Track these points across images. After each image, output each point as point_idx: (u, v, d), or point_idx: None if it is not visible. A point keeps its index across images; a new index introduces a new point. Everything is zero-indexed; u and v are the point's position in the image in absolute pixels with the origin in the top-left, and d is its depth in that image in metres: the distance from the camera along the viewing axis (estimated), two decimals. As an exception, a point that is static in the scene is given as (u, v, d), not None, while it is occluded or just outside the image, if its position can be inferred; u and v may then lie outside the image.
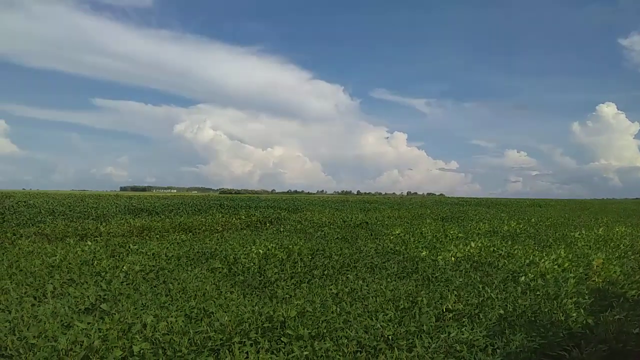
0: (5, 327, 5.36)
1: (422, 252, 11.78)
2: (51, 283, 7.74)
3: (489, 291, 7.27)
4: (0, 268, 8.97)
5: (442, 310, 6.41)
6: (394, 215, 28.73)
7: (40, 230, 15.42)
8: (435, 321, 5.93)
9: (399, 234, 16.44)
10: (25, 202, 37.39)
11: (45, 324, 5.43)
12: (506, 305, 6.55)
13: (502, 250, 11.93)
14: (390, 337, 5.18)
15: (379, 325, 5.44)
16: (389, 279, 8.64)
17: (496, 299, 6.88)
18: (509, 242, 14.13)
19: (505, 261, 10.65)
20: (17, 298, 6.80)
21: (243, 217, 23.75)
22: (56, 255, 10.09)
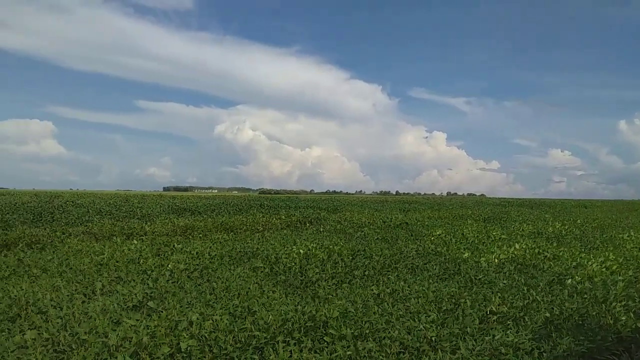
0: (58, 323, 5.57)
1: (464, 253, 11.64)
2: (100, 281, 7.98)
3: (534, 294, 7.13)
4: (51, 266, 9.31)
5: (486, 312, 6.33)
6: (434, 215, 28.44)
7: (88, 229, 15.92)
8: (479, 323, 5.86)
9: (440, 235, 16.28)
10: (73, 201, 38.69)
11: (95, 320, 5.62)
12: (552, 308, 6.41)
13: (547, 252, 11.67)
14: (433, 338, 5.15)
15: (421, 326, 5.41)
16: (430, 281, 8.57)
17: (542, 302, 6.74)
18: (554, 244, 13.81)
19: (551, 263, 10.41)
20: (68, 295, 7.04)
21: (283, 217, 23.92)
22: (104, 254, 10.42)
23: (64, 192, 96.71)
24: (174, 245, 12.00)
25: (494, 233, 16.87)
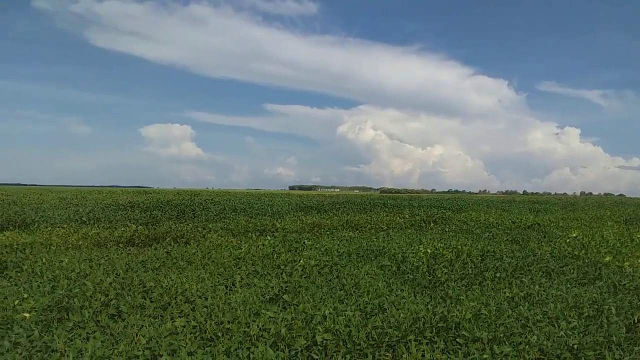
0: (204, 312, 6.05)
1: (605, 257, 10.83)
2: (238, 274, 8.54)
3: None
4: (195, 258, 10.10)
5: (634, 320, 5.88)
6: (568, 216, 26.66)
7: (225, 226, 17.03)
8: (626, 332, 5.47)
9: (576, 237, 15.25)
10: (211, 200, 41.51)
11: (237, 310, 6.03)
12: None
13: None
14: (575, 346, 4.89)
15: (562, 333, 5.17)
16: (568, 285, 8.11)
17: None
18: None
19: None
20: (211, 286, 7.61)
21: (407, 216, 23.83)
22: (241, 249, 11.11)
23: (202, 190, 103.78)
24: (304, 242, 12.46)
25: (638, 236, 15.47)
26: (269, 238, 13.33)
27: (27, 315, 5.85)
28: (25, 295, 6.51)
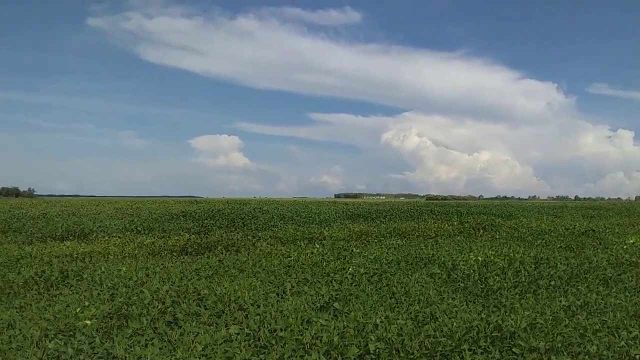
0: (257, 319, 6.14)
1: (667, 264, 10.38)
2: (289, 281, 8.63)
3: None
4: (247, 266, 10.28)
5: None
6: (624, 222, 25.68)
7: (274, 234, 17.26)
8: (694, 344, 5.24)
9: (634, 243, 14.67)
10: (259, 208, 42.08)
11: (288, 318, 6.11)
12: None
13: None
14: (637, 356, 4.74)
15: (622, 343, 5.01)
16: (627, 293, 7.83)
17: None
18: None
19: None
20: (263, 294, 7.73)
21: (455, 223, 23.55)
22: (291, 257, 11.23)
23: (250, 199, 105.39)
24: (352, 250, 12.48)
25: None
26: (318, 246, 13.41)
27: (88, 322, 6.10)
28: (86, 303, 6.78)
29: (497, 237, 17.63)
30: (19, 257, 11.85)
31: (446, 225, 22.17)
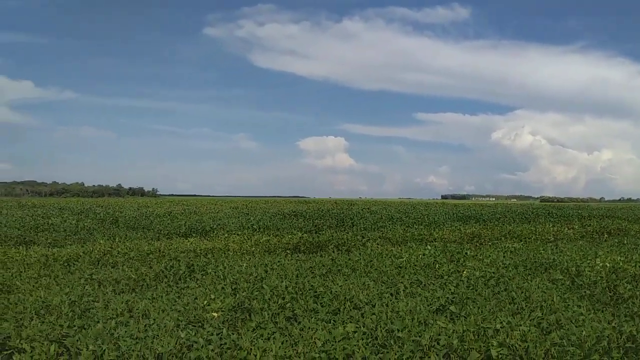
0: (373, 319, 6.19)
1: None
2: (402, 282, 8.61)
3: None
4: (359, 266, 10.39)
5: None
6: None
7: (383, 234, 17.27)
8: None
9: None
10: (367, 209, 42.28)
11: (404, 319, 6.09)
12: None
13: None
14: None
15: None
16: None
17: None
18: None
19: None
20: (377, 294, 7.77)
21: (576, 227, 22.20)
22: (402, 257, 11.18)
23: (356, 200, 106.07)
24: (465, 252, 12.18)
25: None
26: (429, 247, 13.23)
27: (215, 314, 6.50)
28: (212, 296, 7.21)
29: (625, 242, 16.36)
30: (148, 252, 12.84)
31: (566, 229, 20.97)
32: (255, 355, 4.85)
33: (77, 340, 5.28)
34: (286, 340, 5.41)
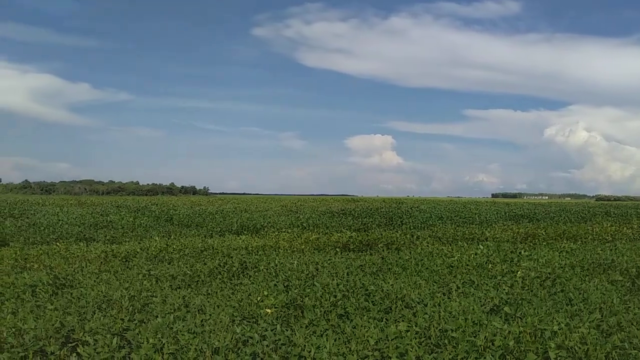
0: (426, 318, 6.15)
1: None
2: (453, 282, 8.51)
3: None
4: (409, 265, 10.33)
5: None
6: None
7: (433, 233, 17.12)
8: None
9: None
10: (416, 207, 41.90)
11: (457, 319, 6.03)
12: None
13: None
14: None
15: None
16: None
17: None
18: None
19: None
20: (429, 293, 7.71)
21: (635, 226, 21.35)
22: (454, 257, 11.05)
23: (404, 198, 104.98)
24: (519, 252, 11.92)
25: None
26: (482, 247, 13.01)
27: (269, 311, 6.61)
28: (265, 293, 7.34)
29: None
30: (202, 249, 13.18)
31: (625, 229, 20.19)
32: (310, 352, 4.91)
33: (138, 334, 5.48)
34: (339, 338, 5.44)
